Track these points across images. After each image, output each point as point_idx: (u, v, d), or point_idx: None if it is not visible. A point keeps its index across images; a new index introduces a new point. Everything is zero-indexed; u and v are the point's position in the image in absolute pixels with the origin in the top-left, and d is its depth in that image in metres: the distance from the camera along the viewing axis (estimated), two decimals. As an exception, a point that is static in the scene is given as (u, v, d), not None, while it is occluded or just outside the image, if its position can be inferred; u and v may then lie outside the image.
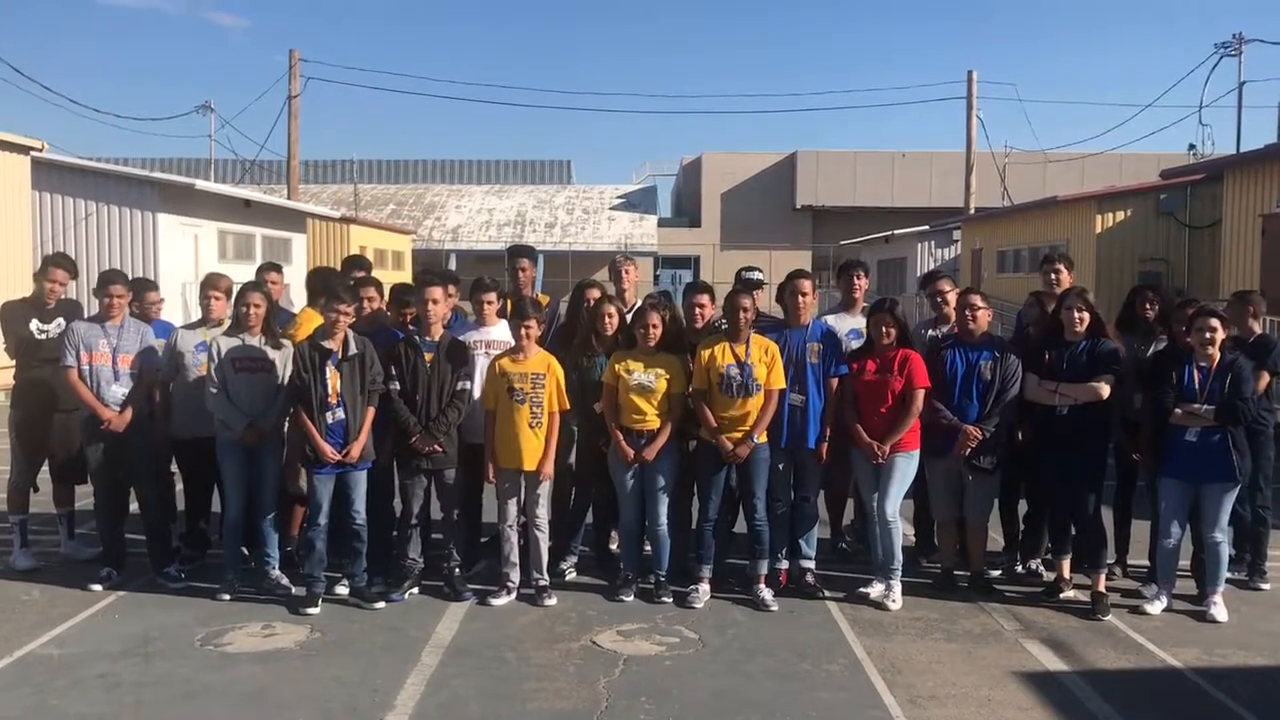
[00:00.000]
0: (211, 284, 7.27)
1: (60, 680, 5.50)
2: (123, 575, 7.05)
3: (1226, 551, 6.81)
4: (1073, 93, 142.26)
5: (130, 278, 7.51)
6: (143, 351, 7.02)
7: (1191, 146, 36.04)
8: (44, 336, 7.32)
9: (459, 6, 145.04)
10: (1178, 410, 6.60)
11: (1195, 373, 6.61)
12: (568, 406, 6.85)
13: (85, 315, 7.40)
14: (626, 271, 7.91)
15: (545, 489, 6.88)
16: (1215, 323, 6.61)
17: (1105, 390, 6.70)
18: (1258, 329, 7.47)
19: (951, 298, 7.66)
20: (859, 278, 7.85)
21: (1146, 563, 7.31)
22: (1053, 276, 7.61)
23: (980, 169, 36.99)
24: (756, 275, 7.87)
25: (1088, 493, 6.83)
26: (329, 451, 6.51)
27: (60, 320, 7.34)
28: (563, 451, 7.06)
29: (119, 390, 6.92)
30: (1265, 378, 7.06)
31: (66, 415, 7.31)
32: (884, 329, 6.81)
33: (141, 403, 7.01)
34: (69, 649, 5.93)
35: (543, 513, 6.87)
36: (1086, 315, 6.80)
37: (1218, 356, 6.60)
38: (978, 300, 7.09)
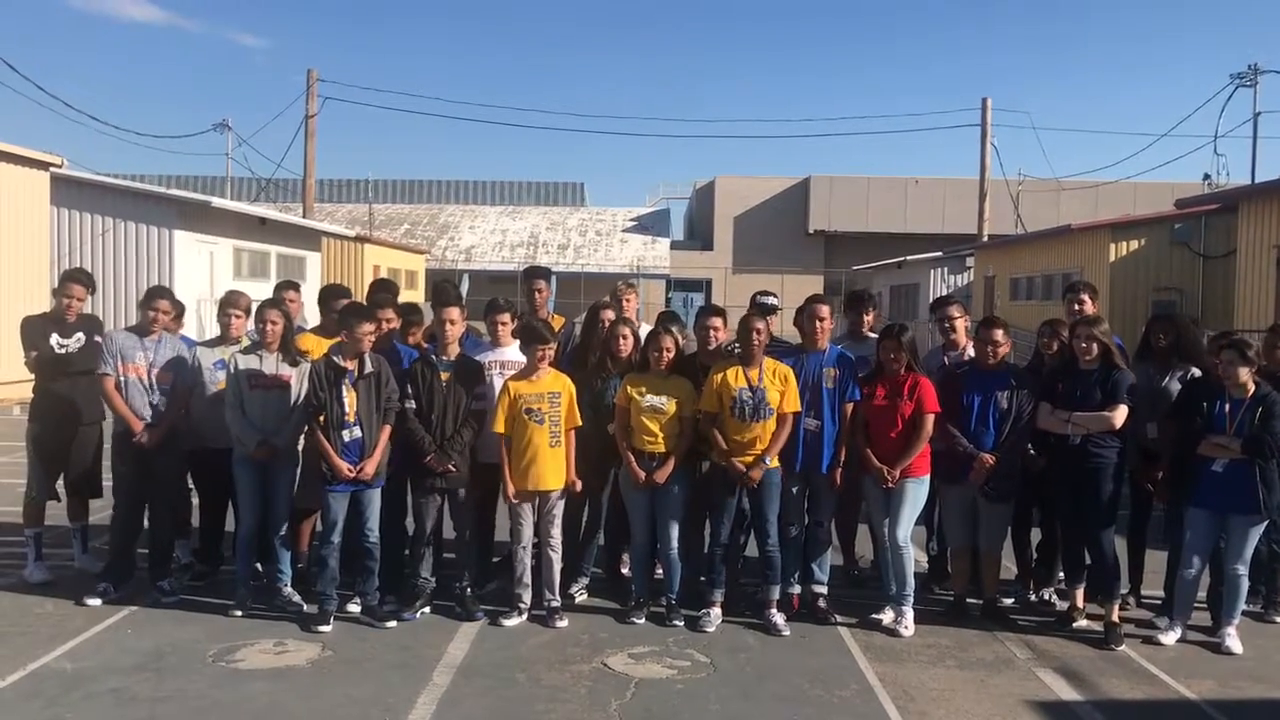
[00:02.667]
0: (232, 302, 7.30)
1: (73, 694, 5.51)
2: (122, 591, 7.03)
3: (1246, 584, 6.78)
4: (1087, 121, 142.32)
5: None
6: (175, 366, 7.05)
7: (1206, 176, 36.10)
8: (64, 351, 7.37)
9: (475, 30, 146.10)
10: (1205, 440, 6.58)
11: (1226, 404, 6.59)
12: (579, 422, 6.86)
13: (104, 331, 7.44)
14: (627, 299, 7.92)
15: (559, 510, 6.89)
16: (1233, 354, 6.59)
17: (1118, 419, 6.69)
18: None
19: (960, 324, 7.67)
20: (867, 312, 7.88)
21: (1160, 593, 7.27)
22: (1076, 306, 7.59)
23: (994, 196, 37.03)
24: (771, 301, 7.89)
25: (1101, 523, 6.81)
26: (345, 469, 6.53)
27: (80, 335, 7.40)
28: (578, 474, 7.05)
29: (153, 405, 6.95)
30: None
31: (85, 429, 7.34)
32: (894, 354, 6.82)
33: (174, 420, 7.05)
34: (82, 663, 5.94)
35: (556, 533, 6.87)
36: (1096, 345, 6.79)
37: (1251, 388, 6.58)
38: (999, 335, 7.02)
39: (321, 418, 6.57)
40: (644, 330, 7.36)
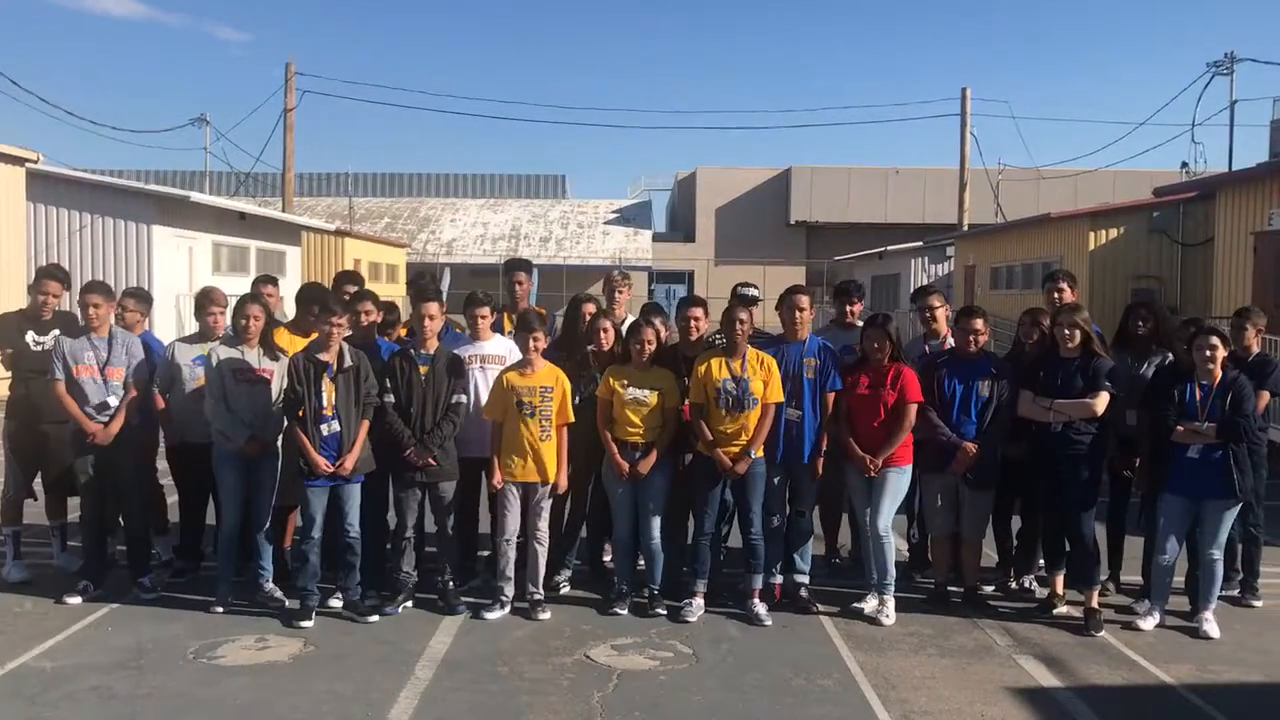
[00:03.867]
0: (213, 299, 7.25)
1: (53, 693, 5.48)
2: (101, 589, 7.00)
3: (1222, 569, 6.83)
4: (1066, 110, 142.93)
5: (126, 288, 7.50)
6: (128, 361, 7.00)
7: (1184, 164, 36.17)
8: (40, 349, 7.31)
9: (455, 22, 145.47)
10: (1179, 428, 6.63)
11: (1197, 390, 6.64)
12: (572, 419, 6.86)
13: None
14: (621, 291, 7.93)
15: (547, 504, 6.87)
16: (1216, 340, 6.64)
17: (1100, 406, 6.72)
18: (1256, 348, 7.46)
19: (941, 314, 7.71)
20: (852, 304, 7.89)
21: (1139, 579, 7.32)
22: (1055, 295, 7.63)
23: (974, 185, 37.10)
24: (752, 292, 7.90)
25: (1081, 510, 6.85)
26: (322, 464, 6.51)
27: (56, 332, 7.34)
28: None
29: (108, 403, 6.91)
30: (1265, 397, 7.09)
31: (60, 427, 7.29)
32: (877, 344, 6.84)
33: (131, 415, 7.00)
34: (61, 661, 5.91)
35: (543, 527, 6.86)
36: (1079, 332, 6.83)
37: (1219, 374, 6.63)
38: (979, 324, 7.08)
39: (300, 412, 6.55)
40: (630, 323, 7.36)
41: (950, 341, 7.50)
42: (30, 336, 7.33)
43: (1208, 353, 6.61)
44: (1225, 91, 36.83)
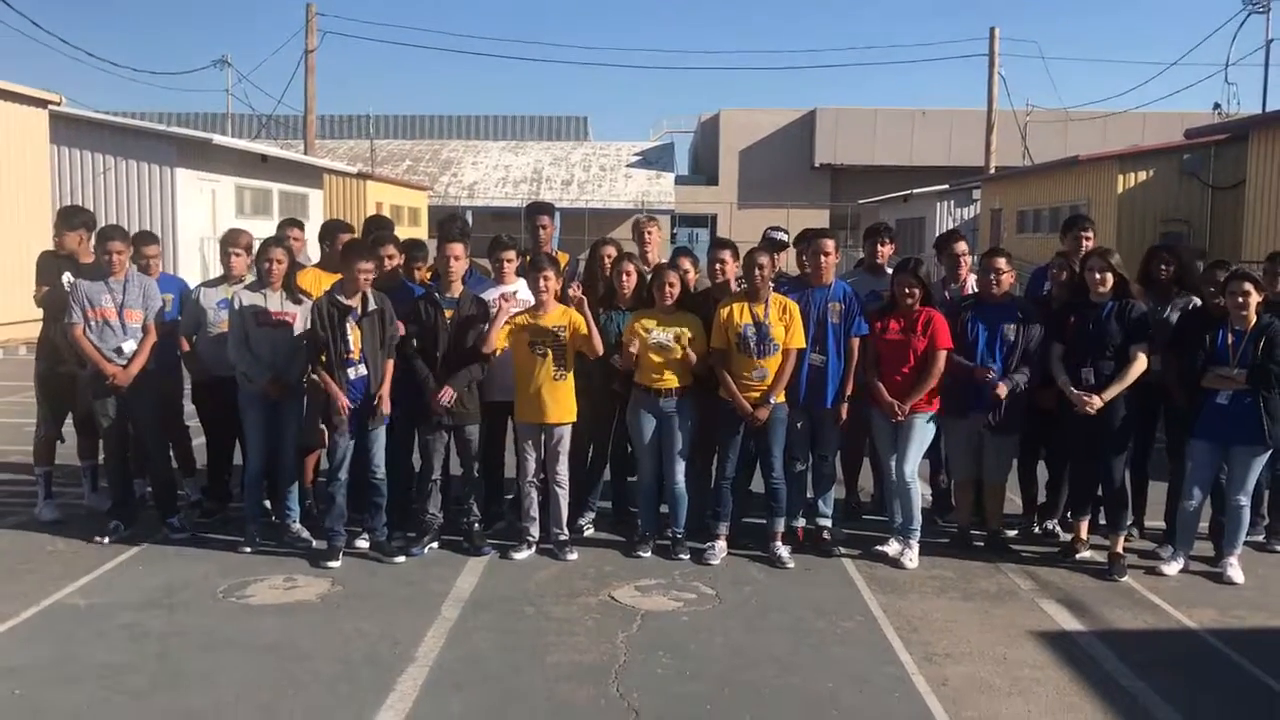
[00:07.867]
0: (232, 240, 7.26)
1: (85, 630, 5.58)
2: (131, 529, 7.11)
3: (1248, 515, 6.79)
4: (1096, 50, 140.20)
5: (130, 231, 7.52)
6: (148, 305, 7.04)
7: (1216, 105, 35.54)
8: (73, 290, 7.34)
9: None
10: (1209, 373, 6.56)
11: (1229, 335, 6.56)
12: (601, 351, 6.82)
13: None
14: (649, 233, 7.87)
15: (565, 446, 6.90)
16: (1249, 285, 6.54)
17: (1140, 369, 6.65)
18: None
19: (964, 260, 7.63)
20: (883, 244, 7.80)
21: (1163, 524, 7.31)
22: (1084, 241, 7.52)
23: (1001, 127, 36.63)
24: (782, 236, 7.83)
25: (1114, 456, 6.80)
26: (345, 403, 6.53)
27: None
28: (583, 409, 7.04)
29: (127, 345, 6.95)
30: None
31: (82, 369, 7.35)
32: (908, 289, 6.79)
33: (149, 357, 7.03)
34: (94, 599, 6.01)
35: (563, 469, 6.89)
36: (1110, 276, 6.74)
37: (1253, 319, 6.54)
38: (1002, 264, 7.01)
39: (324, 356, 6.57)
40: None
41: (970, 287, 7.44)
42: (66, 278, 7.34)
43: (1240, 298, 6.52)
44: (1261, 30, 36.10)
